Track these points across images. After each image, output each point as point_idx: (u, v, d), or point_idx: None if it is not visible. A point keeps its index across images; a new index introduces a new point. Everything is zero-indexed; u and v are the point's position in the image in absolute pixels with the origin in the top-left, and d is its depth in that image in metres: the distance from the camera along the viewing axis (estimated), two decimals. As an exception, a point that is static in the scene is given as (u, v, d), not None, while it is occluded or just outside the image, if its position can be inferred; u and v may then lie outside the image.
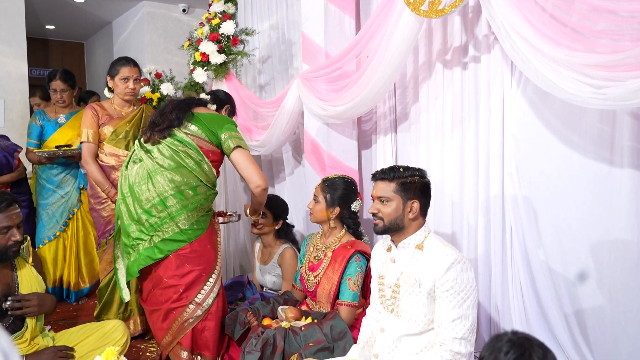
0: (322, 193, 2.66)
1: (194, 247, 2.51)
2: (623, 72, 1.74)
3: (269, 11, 4.03)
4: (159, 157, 2.55)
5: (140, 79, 3.27)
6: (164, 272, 2.52)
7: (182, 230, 2.49)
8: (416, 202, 1.97)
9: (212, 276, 2.55)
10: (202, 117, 2.64)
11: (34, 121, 3.89)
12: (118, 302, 3.19)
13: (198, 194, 2.54)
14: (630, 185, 2.10)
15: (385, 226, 2.00)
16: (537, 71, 2.00)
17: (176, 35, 5.89)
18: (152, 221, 2.51)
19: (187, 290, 2.50)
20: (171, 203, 2.49)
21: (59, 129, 3.85)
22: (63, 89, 3.82)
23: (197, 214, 2.53)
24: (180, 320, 2.50)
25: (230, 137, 2.59)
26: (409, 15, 2.44)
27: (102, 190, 3.13)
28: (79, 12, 6.28)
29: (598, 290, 2.23)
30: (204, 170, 2.57)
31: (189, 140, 2.57)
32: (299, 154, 3.86)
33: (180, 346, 2.53)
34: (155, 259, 2.50)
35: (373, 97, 2.78)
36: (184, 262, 2.50)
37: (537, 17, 2.00)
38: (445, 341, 1.83)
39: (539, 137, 2.38)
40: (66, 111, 3.90)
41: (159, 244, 2.50)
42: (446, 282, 1.85)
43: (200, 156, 2.57)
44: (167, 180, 2.51)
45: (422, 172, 2.04)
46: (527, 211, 2.44)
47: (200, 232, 2.54)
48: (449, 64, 2.76)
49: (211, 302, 2.53)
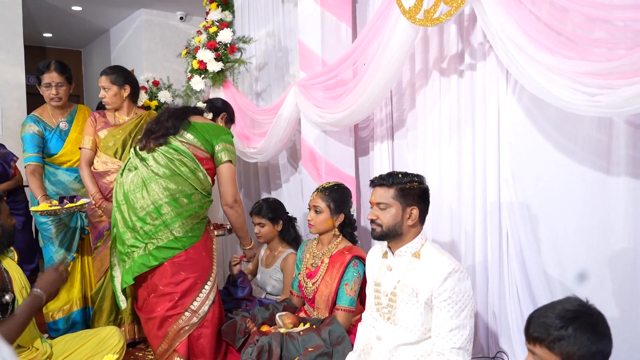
0: (323, 202, 2.60)
1: (189, 255, 2.52)
2: (617, 79, 1.75)
3: (266, 19, 4.05)
4: (154, 165, 2.56)
5: (63, 83, 3.25)
6: (159, 279, 2.52)
7: (176, 237, 2.50)
8: (415, 208, 1.97)
9: (207, 283, 2.56)
10: (199, 126, 2.65)
11: (29, 129, 3.22)
12: (108, 309, 3.17)
13: (193, 202, 2.55)
14: (626, 192, 2.10)
15: (383, 232, 1.99)
16: (532, 79, 2.01)
17: (174, 43, 5.90)
18: (147, 229, 2.51)
19: (182, 297, 2.50)
20: (165, 211, 2.50)
21: (67, 139, 3.30)
22: (59, 83, 3.23)
23: (192, 222, 2.54)
24: (176, 327, 2.50)
25: (224, 150, 2.64)
26: (404, 24, 2.45)
27: (90, 194, 3.12)
28: (77, 20, 6.29)
29: (595, 297, 2.20)
30: (199, 178, 2.58)
31: (184, 149, 2.57)
32: (295, 161, 3.87)
33: (176, 353, 2.52)
34: (149, 266, 2.51)
35: (370, 105, 2.79)
36: (179, 270, 2.50)
37: (531, 25, 2.01)
38: (443, 351, 1.83)
39: (534, 144, 2.39)
40: (65, 113, 3.35)
41: (153, 252, 2.50)
42: (444, 292, 1.84)
43: (196, 164, 2.58)
44: (161, 188, 2.51)
45: (421, 178, 2.03)
46: (524, 218, 2.45)
47: (195, 239, 2.55)
48: (445, 72, 2.78)
49: (207, 309, 2.53)
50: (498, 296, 2.58)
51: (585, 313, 1.39)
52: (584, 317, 1.38)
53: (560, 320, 1.38)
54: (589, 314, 1.39)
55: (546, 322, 1.40)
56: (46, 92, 3.25)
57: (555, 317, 1.39)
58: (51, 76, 3.22)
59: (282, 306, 2.77)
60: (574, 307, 1.41)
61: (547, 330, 1.38)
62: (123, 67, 3.31)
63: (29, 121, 3.27)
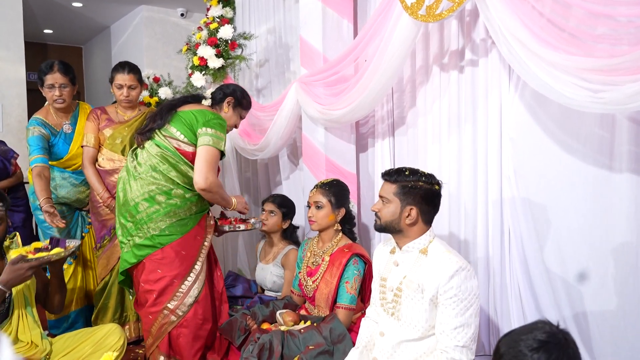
0: (324, 197, 2.61)
1: (165, 253, 2.51)
2: (621, 76, 1.74)
3: (267, 15, 4.03)
4: (135, 163, 2.58)
5: (136, 85, 3.17)
6: (140, 276, 2.56)
7: (151, 236, 2.50)
8: (414, 209, 1.94)
9: (184, 283, 2.53)
10: (185, 115, 2.58)
11: (34, 132, 3.10)
12: (113, 307, 3.18)
13: (173, 198, 2.52)
14: (629, 189, 2.09)
15: (381, 225, 2.01)
16: (535, 75, 2.00)
17: (174, 39, 5.89)
18: (129, 226, 2.55)
19: (160, 296, 2.52)
20: (142, 209, 2.51)
21: (73, 142, 3.22)
22: (63, 84, 3.11)
23: (171, 219, 2.51)
24: (158, 324, 2.53)
25: (205, 134, 2.51)
26: (406, 20, 2.44)
27: (97, 194, 3.12)
28: (77, 16, 6.28)
29: (597, 294, 2.22)
30: (181, 172, 2.54)
31: (166, 144, 2.55)
32: (296, 157, 3.86)
33: (158, 350, 2.57)
34: (131, 263, 2.55)
35: (371, 101, 2.78)
36: (157, 268, 2.52)
37: (534, 21, 2.00)
38: (447, 349, 1.82)
39: (537, 141, 2.37)
40: (68, 115, 3.26)
41: (133, 249, 2.54)
42: (450, 290, 1.83)
43: (178, 158, 2.54)
44: (138, 186, 2.53)
45: (430, 179, 1.98)
46: (526, 215, 2.44)
47: (174, 237, 2.51)
48: (446, 68, 2.76)
49: (186, 310, 2.52)
50: (500, 294, 2.57)
51: (552, 342, 1.31)
52: (550, 346, 1.30)
53: (528, 349, 1.31)
54: (555, 343, 1.32)
55: (515, 351, 1.33)
56: (49, 93, 3.12)
57: (524, 345, 1.32)
58: (54, 77, 3.09)
59: (283, 304, 2.77)
60: (542, 335, 1.33)
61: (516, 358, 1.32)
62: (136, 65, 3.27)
63: (34, 124, 3.14)
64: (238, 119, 2.84)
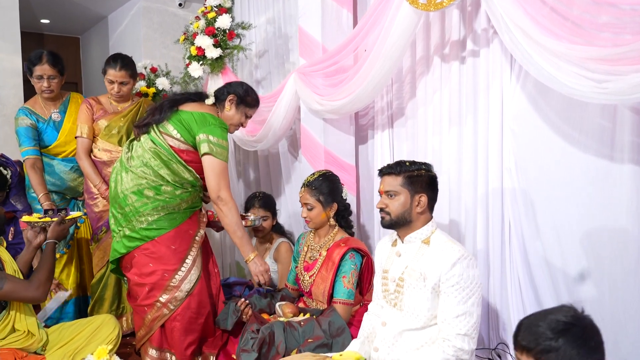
0: (312, 197, 2.58)
1: (155, 247, 2.50)
2: (625, 65, 1.71)
3: (266, 5, 3.99)
4: (129, 155, 2.57)
5: (128, 81, 3.15)
6: (133, 268, 2.55)
7: (139, 229, 2.50)
8: (424, 195, 1.98)
9: (175, 276, 2.51)
10: (185, 115, 2.55)
11: (22, 122, 3.15)
12: (110, 299, 3.18)
13: (162, 193, 2.50)
14: (630, 180, 2.08)
15: (392, 220, 2.01)
16: (538, 65, 1.97)
17: (172, 29, 5.83)
18: (119, 217, 2.55)
19: (152, 289, 2.52)
20: (130, 201, 2.50)
21: (62, 130, 3.24)
22: (51, 75, 3.13)
23: (158, 214, 2.49)
24: (150, 317, 2.53)
25: (205, 141, 2.48)
26: (407, 9, 2.41)
27: (94, 185, 3.11)
28: (74, 6, 6.23)
29: (597, 286, 2.21)
30: (172, 170, 2.51)
31: (160, 140, 2.52)
32: (295, 149, 3.83)
33: (149, 343, 2.57)
34: (121, 253, 2.55)
35: (370, 92, 2.75)
36: (148, 262, 2.51)
37: (537, 10, 1.97)
38: (449, 337, 1.82)
39: (538, 132, 2.35)
40: (57, 104, 3.28)
41: (124, 240, 2.54)
42: (452, 278, 1.84)
43: (170, 155, 2.51)
44: (129, 179, 2.52)
45: (429, 166, 2.05)
46: (526, 206, 2.42)
47: (162, 231, 2.50)
48: (447, 58, 2.73)
49: (178, 303, 2.51)
50: (500, 286, 2.56)
51: (578, 326, 1.30)
52: (575, 330, 1.29)
53: (551, 331, 1.29)
54: (581, 327, 1.31)
55: (536, 332, 1.32)
56: (37, 84, 3.15)
57: (546, 327, 1.30)
58: (43, 68, 3.11)
59: (280, 296, 2.76)
60: (567, 318, 1.32)
61: (536, 340, 1.30)
62: (130, 58, 3.25)
63: (21, 114, 3.18)
64: (242, 118, 2.73)
